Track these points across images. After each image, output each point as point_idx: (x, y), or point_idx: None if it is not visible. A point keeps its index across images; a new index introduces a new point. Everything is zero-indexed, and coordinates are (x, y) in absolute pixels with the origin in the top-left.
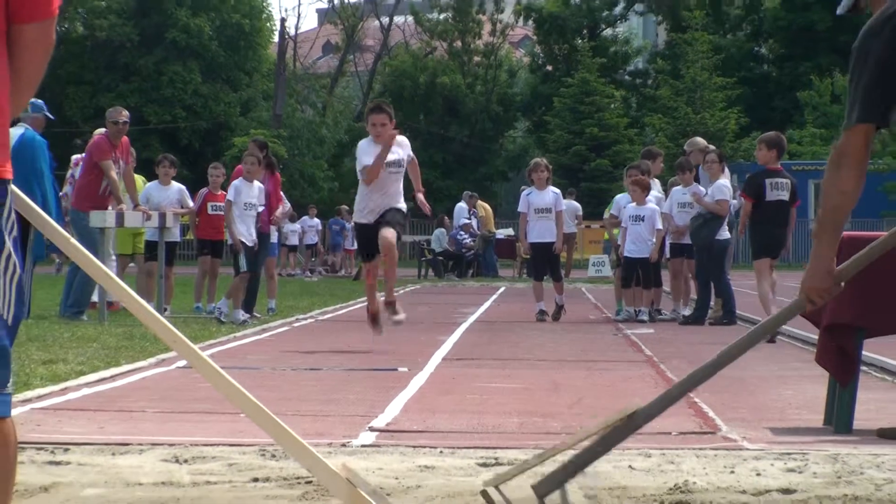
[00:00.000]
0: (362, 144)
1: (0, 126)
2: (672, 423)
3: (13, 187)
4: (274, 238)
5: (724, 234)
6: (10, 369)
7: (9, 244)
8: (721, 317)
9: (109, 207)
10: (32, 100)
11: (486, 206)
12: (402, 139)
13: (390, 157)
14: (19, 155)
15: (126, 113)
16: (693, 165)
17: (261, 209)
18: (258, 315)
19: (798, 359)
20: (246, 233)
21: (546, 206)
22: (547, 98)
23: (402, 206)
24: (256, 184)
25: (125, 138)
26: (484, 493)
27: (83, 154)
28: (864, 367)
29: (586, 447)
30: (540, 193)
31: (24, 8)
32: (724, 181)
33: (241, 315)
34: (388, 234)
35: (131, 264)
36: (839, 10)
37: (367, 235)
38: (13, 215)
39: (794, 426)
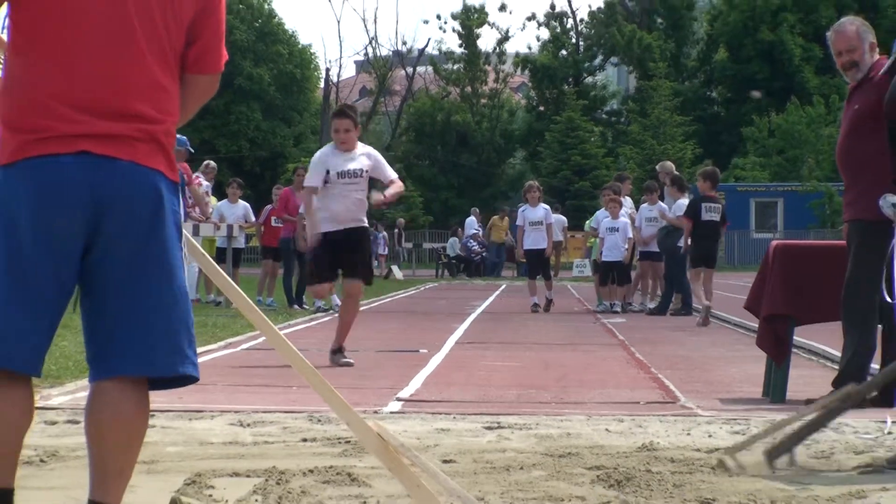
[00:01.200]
0: (323, 153)
1: (172, 147)
2: (640, 394)
3: None
4: None
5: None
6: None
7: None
8: (679, 309)
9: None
10: (179, 136)
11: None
12: (368, 149)
13: (347, 165)
14: None
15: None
16: (660, 186)
17: None
18: (307, 307)
19: (741, 343)
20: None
21: (538, 220)
22: (540, 133)
23: (364, 222)
24: None
25: (184, 164)
26: (719, 462)
27: (195, 174)
28: (794, 350)
29: (810, 421)
30: (533, 209)
31: (200, 62)
32: (684, 200)
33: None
34: (356, 288)
35: None
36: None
37: (327, 249)
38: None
39: (738, 397)
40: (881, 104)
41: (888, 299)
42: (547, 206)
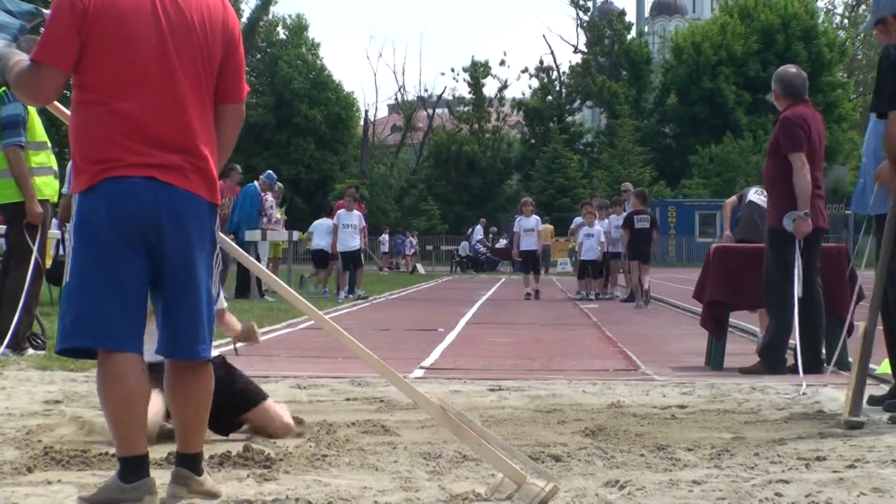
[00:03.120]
0: None
1: (214, 172)
2: (609, 363)
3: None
4: None
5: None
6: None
7: (218, 248)
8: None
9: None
10: (269, 172)
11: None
12: None
13: None
14: (241, 198)
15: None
16: (623, 200)
17: (363, 227)
18: (354, 294)
19: (688, 324)
20: (343, 244)
21: (531, 227)
22: (531, 160)
23: None
24: (356, 212)
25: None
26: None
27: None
28: (730, 329)
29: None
30: (527, 219)
31: (227, 93)
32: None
33: (343, 294)
34: None
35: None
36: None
37: None
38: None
39: (685, 365)
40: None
41: (798, 294)
42: (538, 217)
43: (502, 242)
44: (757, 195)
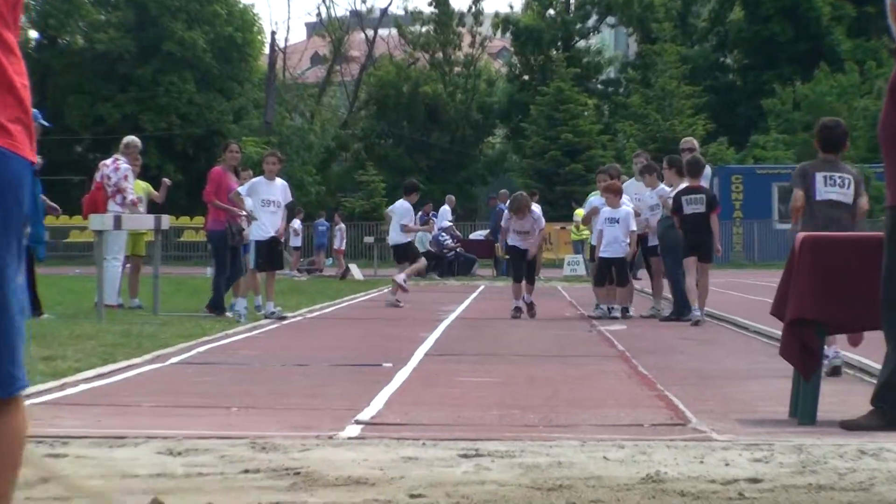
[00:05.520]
0: None
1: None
2: (644, 415)
3: None
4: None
5: None
6: None
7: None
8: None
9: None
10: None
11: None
12: None
13: None
14: None
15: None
16: (657, 168)
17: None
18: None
19: (764, 353)
20: (261, 230)
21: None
22: (524, 106)
23: None
24: (278, 182)
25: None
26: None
27: (112, 158)
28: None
29: None
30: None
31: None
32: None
33: (243, 309)
34: None
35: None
36: None
37: None
38: None
39: (760, 418)
40: None
41: None
42: (538, 206)
43: (444, 236)
44: (828, 187)
